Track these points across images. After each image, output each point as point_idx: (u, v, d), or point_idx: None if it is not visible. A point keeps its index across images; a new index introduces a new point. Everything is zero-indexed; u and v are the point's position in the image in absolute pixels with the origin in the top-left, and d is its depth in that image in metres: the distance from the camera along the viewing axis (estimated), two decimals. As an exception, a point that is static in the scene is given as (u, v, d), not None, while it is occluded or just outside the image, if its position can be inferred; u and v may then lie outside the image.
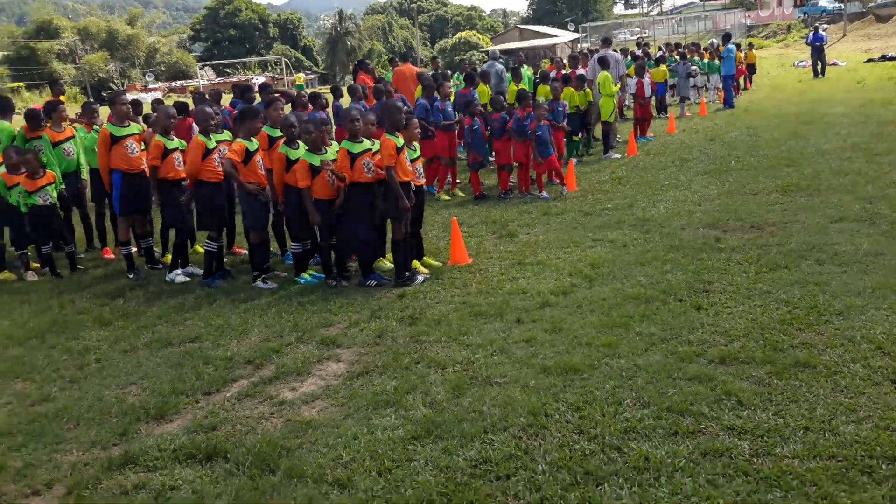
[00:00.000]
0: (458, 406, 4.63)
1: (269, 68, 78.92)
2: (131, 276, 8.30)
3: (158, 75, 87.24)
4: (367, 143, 7.31)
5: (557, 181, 11.13)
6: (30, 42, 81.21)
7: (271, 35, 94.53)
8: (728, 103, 19.62)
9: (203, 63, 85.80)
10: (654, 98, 19.03)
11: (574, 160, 13.25)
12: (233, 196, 8.04)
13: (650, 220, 8.96)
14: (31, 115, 9.30)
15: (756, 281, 6.42)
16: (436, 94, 11.46)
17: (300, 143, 7.53)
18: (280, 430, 4.56)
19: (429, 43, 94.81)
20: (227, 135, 8.09)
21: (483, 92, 13.36)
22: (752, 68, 25.26)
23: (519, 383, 4.86)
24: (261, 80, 74.00)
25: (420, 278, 7.37)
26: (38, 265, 8.90)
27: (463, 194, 11.61)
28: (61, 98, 13.17)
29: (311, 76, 71.99)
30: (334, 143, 7.81)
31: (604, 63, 14.14)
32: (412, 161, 7.50)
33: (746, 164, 11.71)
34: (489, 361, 5.29)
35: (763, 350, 5.00)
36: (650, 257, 7.45)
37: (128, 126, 8.44)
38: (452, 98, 12.19)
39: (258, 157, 7.61)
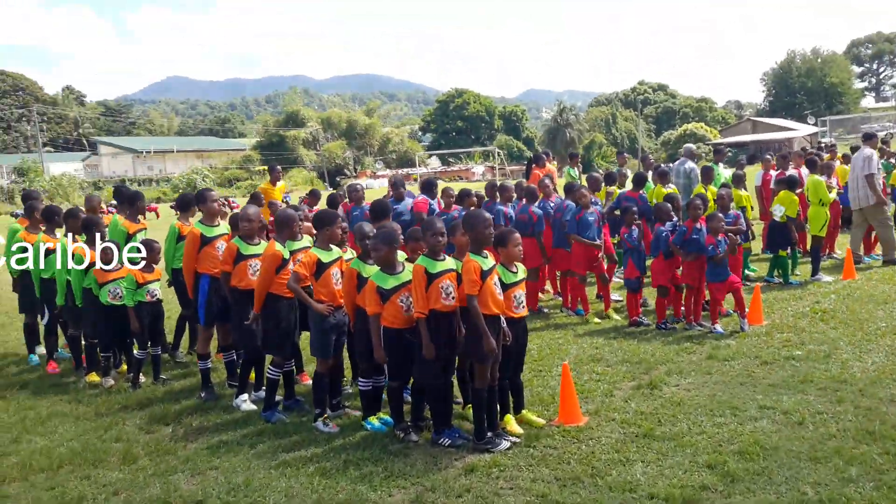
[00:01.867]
0: None
1: (491, 158, 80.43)
2: (203, 396, 7.35)
3: (389, 163, 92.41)
4: (450, 262, 5.86)
5: (737, 311, 8.91)
6: (280, 130, 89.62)
7: (496, 126, 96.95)
8: None
9: (430, 153, 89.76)
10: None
11: (770, 280, 10.96)
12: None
13: (848, 383, 6.60)
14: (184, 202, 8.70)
15: None
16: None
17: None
18: None
19: (654, 135, 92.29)
20: (307, 241, 6.97)
21: (660, 194, 11.44)
22: None
23: None
24: (480, 169, 75.95)
25: (504, 444, 5.68)
26: (125, 368, 8.29)
27: (618, 317, 9.69)
28: (276, 187, 12.78)
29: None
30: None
31: (812, 165, 11.69)
32: (510, 286, 5.91)
33: None
34: None
35: None
36: (831, 449, 5.21)
37: (218, 226, 7.65)
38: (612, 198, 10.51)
39: (334, 270, 6.40)
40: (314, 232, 6.76)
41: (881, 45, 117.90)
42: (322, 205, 11.45)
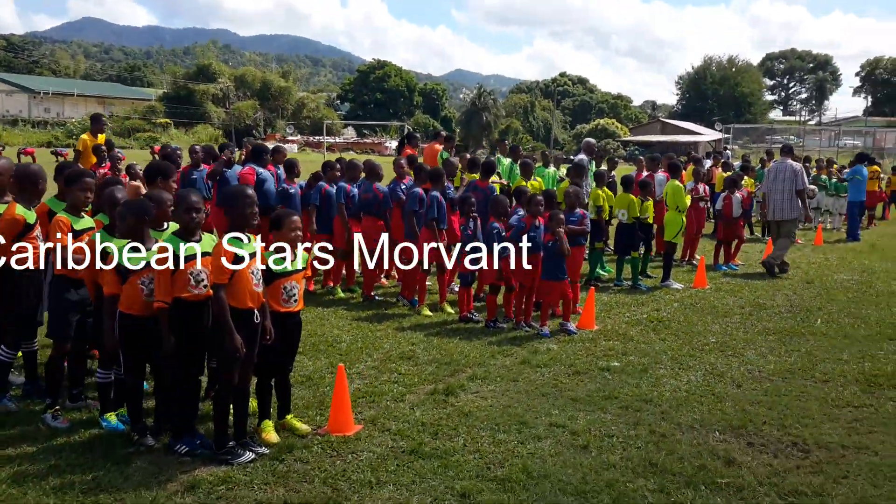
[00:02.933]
0: None
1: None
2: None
3: (302, 129, 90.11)
4: (206, 243, 5.03)
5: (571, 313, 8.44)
6: (188, 83, 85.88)
7: (415, 103, 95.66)
8: (852, 235, 16.21)
9: (346, 122, 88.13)
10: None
11: (620, 284, 10.62)
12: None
13: (653, 402, 6.15)
14: None
15: None
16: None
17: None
18: None
19: (569, 126, 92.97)
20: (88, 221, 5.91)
21: (533, 187, 10.81)
22: (897, 196, 21.46)
23: None
24: (393, 144, 74.74)
25: (248, 455, 4.93)
26: None
27: (452, 311, 9.08)
28: (98, 138, 11.41)
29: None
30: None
31: (674, 171, 11.36)
32: (280, 277, 5.17)
33: (835, 328, 8.59)
34: None
35: None
36: (604, 481, 4.70)
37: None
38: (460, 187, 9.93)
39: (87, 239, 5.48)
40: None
41: (793, 61, 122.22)
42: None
